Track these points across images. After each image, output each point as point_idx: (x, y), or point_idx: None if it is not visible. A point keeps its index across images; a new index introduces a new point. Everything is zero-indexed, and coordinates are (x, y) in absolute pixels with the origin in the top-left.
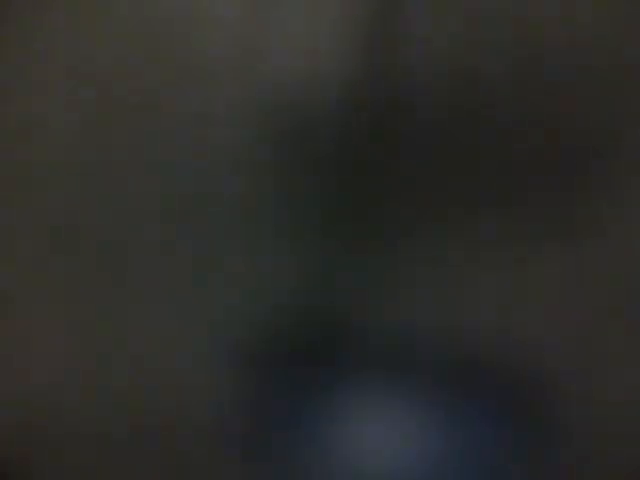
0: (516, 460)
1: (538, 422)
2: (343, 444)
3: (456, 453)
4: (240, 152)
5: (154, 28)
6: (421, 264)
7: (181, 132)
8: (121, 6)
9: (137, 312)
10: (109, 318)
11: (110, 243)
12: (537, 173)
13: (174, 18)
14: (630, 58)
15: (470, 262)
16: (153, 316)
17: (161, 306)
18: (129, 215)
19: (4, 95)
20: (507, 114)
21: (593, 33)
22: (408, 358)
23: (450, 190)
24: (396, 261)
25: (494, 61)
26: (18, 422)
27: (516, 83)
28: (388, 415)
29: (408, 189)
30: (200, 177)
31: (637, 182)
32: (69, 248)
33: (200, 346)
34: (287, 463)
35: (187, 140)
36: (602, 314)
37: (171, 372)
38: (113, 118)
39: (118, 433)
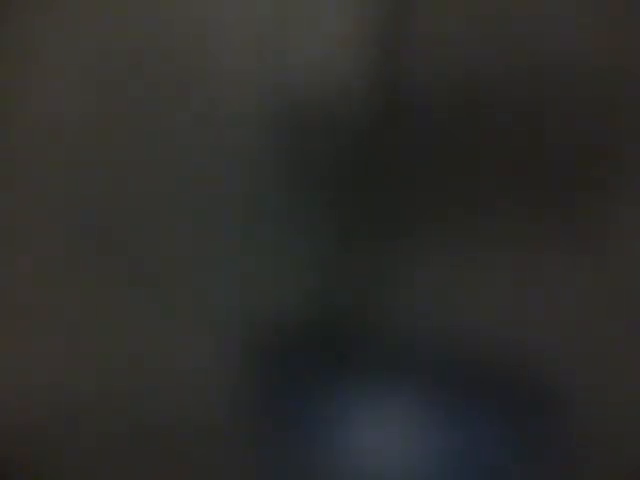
0: (516, 460)
1: (538, 422)
2: (343, 444)
3: (456, 453)
4: (246, 152)
5: (166, 28)
6: (421, 264)
7: (189, 132)
8: (137, 7)
9: (138, 312)
10: (109, 317)
11: (111, 243)
12: (537, 173)
13: (189, 18)
14: (630, 58)
15: (470, 262)
16: (154, 316)
17: (163, 305)
18: (132, 215)
19: (4, 94)
20: (507, 114)
21: (593, 33)
22: (408, 358)
23: (450, 190)
24: (396, 261)
25: (499, 62)
26: (18, 422)
27: (516, 83)
28: (388, 415)
29: (410, 189)
30: (206, 177)
31: (637, 182)
32: (70, 249)
33: (202, 346)
34: (289, 463)
35: (196, 140)
36: (602, 314)
37: (173, 372)
38: (121, 118)
39: (119, 433)
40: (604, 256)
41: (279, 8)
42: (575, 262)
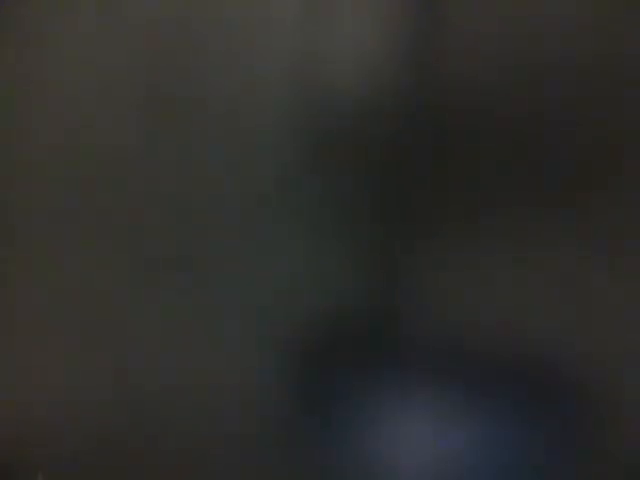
0: (518, 459)
1: (539, 422)
2: (350, 444)
3: (456, 452)
4: (267, 153)
5: (188, 26)
6: (421, 264)
7: (223, 129)
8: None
9: (164, 311)
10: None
11: (142, 251)
12: (537, 173)
13: (214, 18)
14: (630, 59)
15: (470, 262)
16: (176, 315)
17: (179, 306)
18: (151, 216)
19: (6, 95)
20: (507, 114)
21: (593, 33)
22: (409, 357)
23: (450, 190)
24: (397, 262)
25: (498, 62)
26: (34, 424)
27: (516, 85)
28: (389, 414)
29: (408, 189)
30: (232, 177)
31: (637, 182)
32: (71, 249)
33: (230, 345)
34: (307, 464)
35: (226, 139)
36: (602, 313)
37: (201, 373)
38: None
39: (145, 439)
40: (604, 256)
41: (332, 19)
42: (575, 262)
